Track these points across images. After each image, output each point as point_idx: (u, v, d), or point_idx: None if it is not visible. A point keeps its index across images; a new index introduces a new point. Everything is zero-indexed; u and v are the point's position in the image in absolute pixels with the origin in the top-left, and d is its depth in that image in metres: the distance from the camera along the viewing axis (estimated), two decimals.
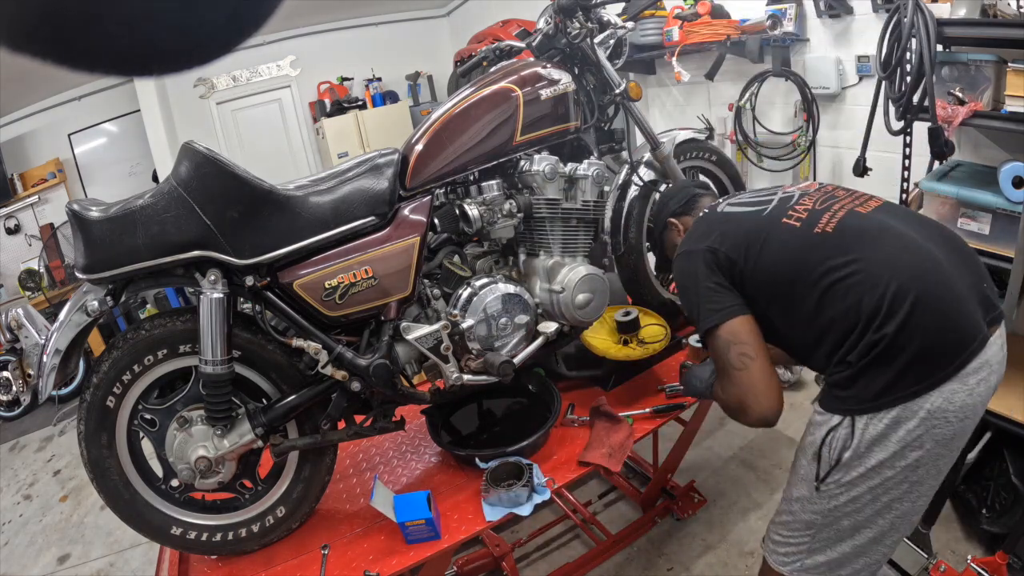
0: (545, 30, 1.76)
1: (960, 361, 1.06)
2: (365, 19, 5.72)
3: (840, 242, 1.15)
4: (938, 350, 1.06)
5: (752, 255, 1.21)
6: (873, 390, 1.08)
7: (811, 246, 1.16)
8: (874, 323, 1.07)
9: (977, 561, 1.64)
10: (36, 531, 2.96)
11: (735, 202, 1.34)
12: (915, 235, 1.15)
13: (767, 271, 1.20)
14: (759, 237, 1.22)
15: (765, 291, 1.21)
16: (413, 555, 1.34)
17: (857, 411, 1.11)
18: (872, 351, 1.07)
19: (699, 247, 1.26)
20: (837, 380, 1.13)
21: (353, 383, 1.38)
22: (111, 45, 0.30)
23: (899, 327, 1.05)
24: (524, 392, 1.82)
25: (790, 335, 1.24)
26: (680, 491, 2.26)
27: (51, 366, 1.23)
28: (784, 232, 1.21)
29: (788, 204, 1.25)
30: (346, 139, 5.32)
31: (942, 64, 1.93)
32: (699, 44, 2.96)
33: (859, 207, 1.21)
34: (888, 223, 1.17)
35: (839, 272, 1.12)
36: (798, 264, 1.17)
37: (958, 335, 1.07)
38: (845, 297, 1.11)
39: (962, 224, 1.88)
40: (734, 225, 1.28)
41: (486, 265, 1.60)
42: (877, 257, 1.11)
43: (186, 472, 1.33)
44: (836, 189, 1.29)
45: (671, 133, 1.92)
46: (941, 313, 1.07)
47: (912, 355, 1.05)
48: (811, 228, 1.18)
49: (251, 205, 1.27)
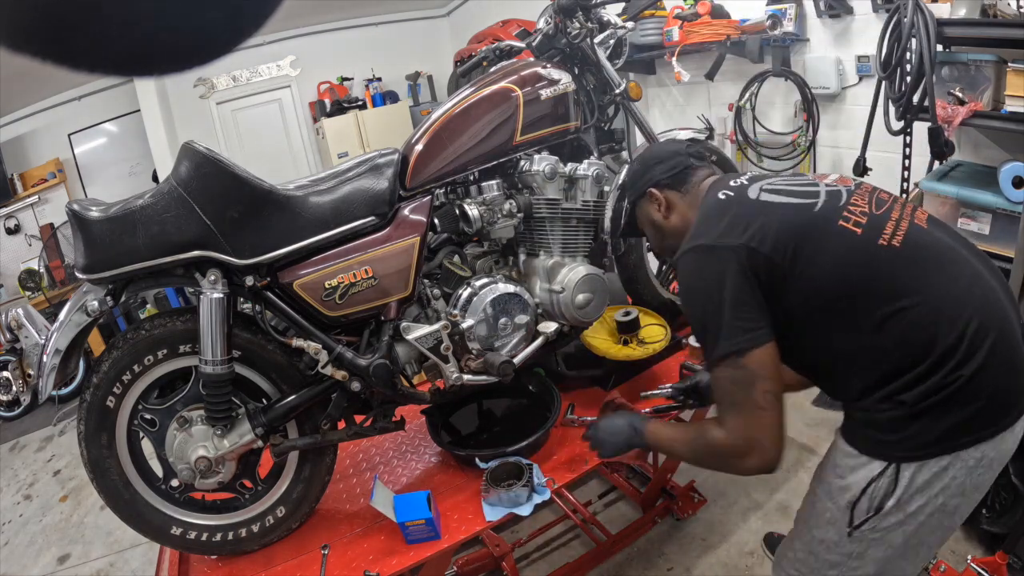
0: (545, 30, 1.76)
1: (1020, 410, 0.96)
2: (365, 19, 5.72)
3: (910, 261, 0.99)
4: (1007, 397, 0.96)
5: (802, 260, 1.01)
6: (931, 436, 0.96)
7: (877, 260, 1.00)
8: (950, 362, 0.94)
9: (977, 561, 1.64)
10: (36, 531, 2.96)
11: (772, 188, 1.10)
12: (975, 262, 1.02)
13: (819, 282, 1.01)
14: (812, 238, 1.02)
15: (808, 305, 1.03)
16: (413, 555, 1.34)
17: (905, 459, 0.98)
18: (940, 392, 0.94)
19: (731, 243, 1.03)
20: (880, 420, 0.99)
21: (353, 383, 1.38)
22: (111, 45, 0.30)
23: (978, 369, 0.93)
24: (524, 392, 1.82)
25: (822, 357, 1.07)
26: (680, 491, 2.26)
27: (51, 366, 1.23)
28: (843, 237, 1.01)
29: (840, 202, 1.06)
30: (346, 139, 5.32)
31: (942, 64, 1.94)
32: (699, 44, 2.96)
33: (916, 220, 1.06)
34: (952, 246, 1.03)
35: (910, 298, 0.96)
36: (861, 279, 1.00)
37: (1021, 380, 0.97)
38: (915, 328, 0.96)
39: (962, 224, 1.88)
40: (777, 218, 1.04)
41: (486, 265, 1.60)
42: (952, 287, 0.97)
43: (186, 472, 1.33)
44: (879, 191, 1.12)
45: (671, 133, 1.92)
46: (1013, 353, 0.96)
47: (984, 400, 0.94)
48: (874, 238, 1.01)
49: (251, 205, 1.27)
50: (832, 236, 1.02)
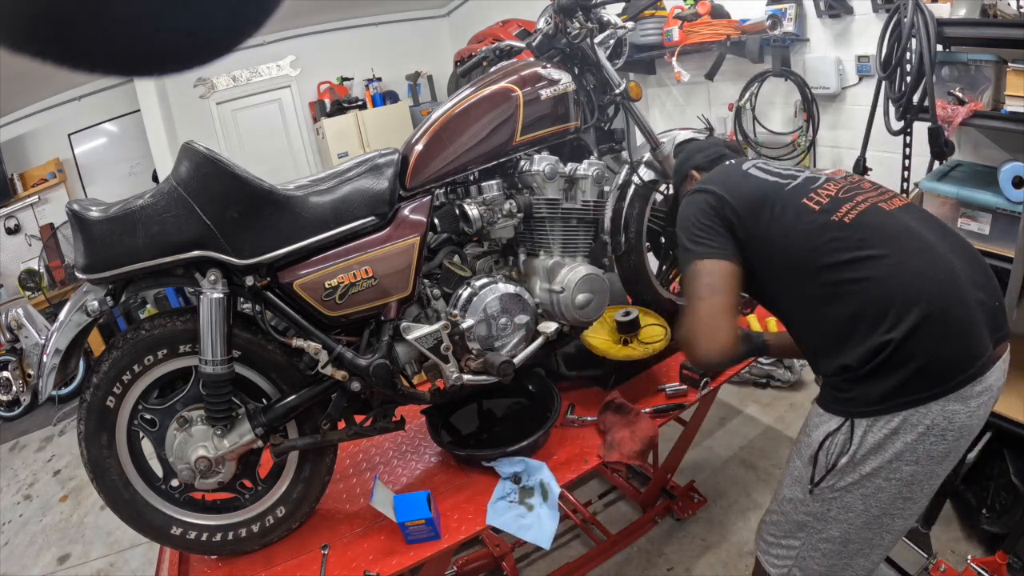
0: (545, 30, 1.75)
1: (965, 378, 1.03)
2: (365, 19, 5.72)
3: (856, 235, 1.10)
4: (944, 364, 1.03)
5: (761, 220, 1.18)
6: (876, 394, 1.06)
7: (824, 232, 1.12)
8: (882, 326, 1.04)
9: (977, 561, 1.64)
10: (36, 531, 2.96)
11: (761, 166, 1.31)
12: (935, 241, 1.10)
13: (771, 242, 1.17)
14: (773, 205, 1.19)
15: (762, 262, 1.20)
16: (413, 555, 1.34)
17: (858, 414, 1.08)
18: (877, 355, 1.04)
19: (711, 188, 1.25)
20: (836, 382, 1.11)
21: (353, 383, 1.38)
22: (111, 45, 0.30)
23: (907, 335, 1.02)
24: (524, 392, 1.82)
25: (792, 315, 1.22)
26: (680, 491, 2.26)
27: (51, 366, 1.23)
28: (801, 210, 1.16)
29: (812, 185, 1.21)
30: (346, 139, 5.32)
31: (942, 64, 1.94)
32: (699, 44, 2.96)
33: (884, 203, 1.16)
34: (910, 225, 1.13)
35: (849, 267, 1.08)
36: (806, 246, 1.13)
37: (965, 353, 1.04)
38: (853, 294, 1.07)
39: (962, 224, 1.88)
40: (751, 185, 1.25)
41: (486, 265, 1.60)
42: (892, 259, 1.07)
43: (186, 472, 1.33)
44: (863, 181, 1.24)
45: (671, 133, 1.92)
46: (950, 328, 1.03)
47: (917, 367, 1.02)
48: (829, 215, 1.14)
49: (251, 205, 1.27)
50: (791, 208, 1.18)
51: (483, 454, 1.55)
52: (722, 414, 2.78)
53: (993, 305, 1.10)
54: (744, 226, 1.20)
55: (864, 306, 1.06)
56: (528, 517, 1.41)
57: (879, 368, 1.05)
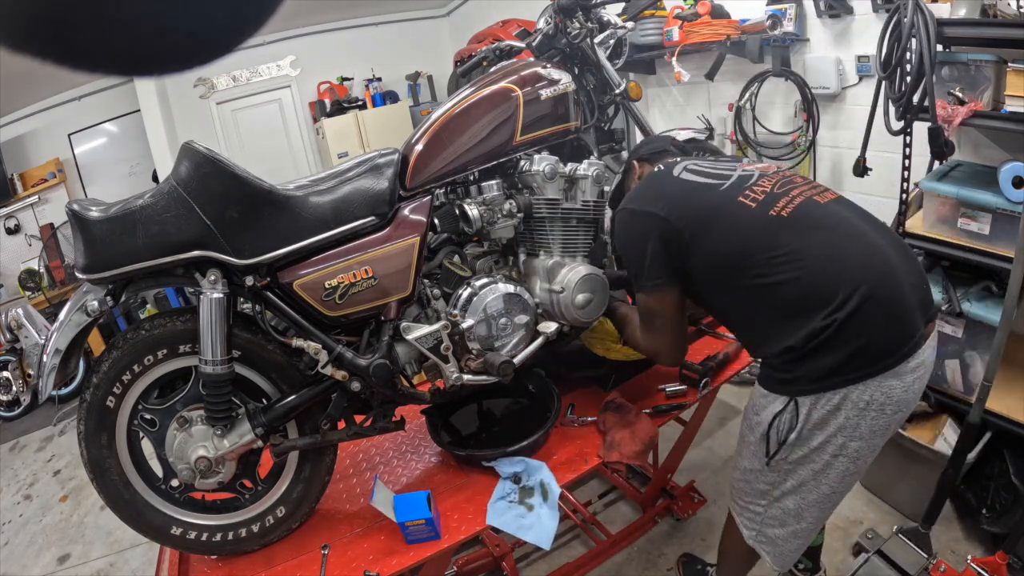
0: (545, 30, 1.76)
1: (900, 355, 1.12)
2: (365, 19, 5.72)
3: (795, 227, 1.17)
4: (882, 343, 1.11)
5: (700, 231, 1.25)
6: (817, 373, 1.13)
7: (763, 228, 1.19)
8: (825, 309, 1.11)
9: (977, 561, 1.65)
10: (36, 531, 2.96)
11: (693, 168, 1.35)
12: (868, 231, 1.19)
13: (712, 250, 1.24)
14: (709, 215, 1.25)
15: (707, 267, 1.26)
16: (413, 555, 1.34)
17: (800, 392, 1.16)
18: (821, 335, 1.11)
19: (649, 210, 1.30)
20: (778, 364, 1.19)
21: (353, 383, 1.38)
22: (111, 45, 0.30)
23: (848, 316, 1.09)
24: (524, 392, 1.82)
25: (728, 312, 1.32)
26: (680, 491, 2.26)
27: (51, 366, 1.23)
28: (738, 210, 1.23)
29: (746, 183, 1.27)
30: (346, 139, 5.32)
31: (942, 64, 1.93)
32: (699, 44, 2.96)
33: (816, 196, 1.24)
34: (844, 216, 1.21)
35: (791, 257, 1.15)
36: (747, 244, 1.20)
37: (901, 332, 1.13)
38: (797, 281, 1.14)
39: (962, 224, 1.88)
40: (685, 196, 1.31)
41: (486, 265, 1.60)
42: (831, 247, 1.15)
43: (186, 472, 1.33)
44: (795, 175, 1.31)
45: (671, 133, 1.92)
46: (888, 309, 1.12)
47: (857, 345, 1.10)
48: (766, 210, 1.20)
49: (251, 205, 1.27)
50: (728, 209, 1.24)
51: (483, 454, 1.55)
52: (722, 414, 2.78)
53: (923, 287, 1.19)
54: (687, 240, 1.26)
55: (808, 293, 1.13)
56: (528, 517, 1.41)
57: (821, 347, 1.12)
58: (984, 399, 1.69)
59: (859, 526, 2.02)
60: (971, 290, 1.94)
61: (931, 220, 1.97)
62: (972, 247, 1.85)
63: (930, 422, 2.05)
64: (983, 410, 1.71)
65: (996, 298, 1.87)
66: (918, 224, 2.06)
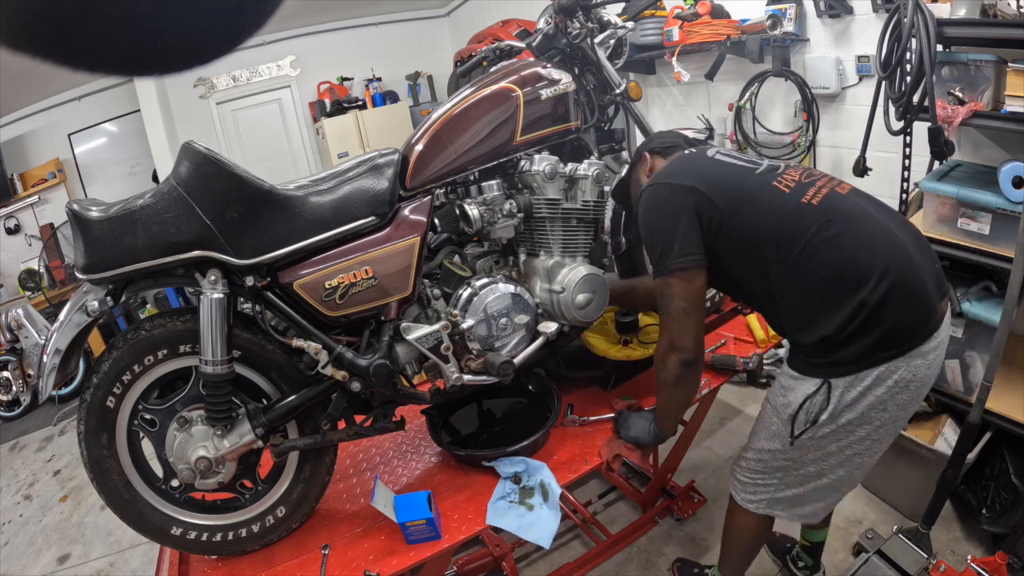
0: (545, 30, 1.76)
1: (925, 333, 1.19)
2: (365, 19, 5.72)
3: (826, 215, 1.22)
4: (908, 325, 1.18)
5: (735, 210, 1.27)
6: (851, 356, 1.19)
7: (797, 213, 1.23)
8: (860, 293, 1.16)
9: (977, 561, 1.65)
10: (36, 531, 2.96)
11: (726, 152, 1.39)
12: (886, 220, 1.25)
13: (749, 228, 1.26)
14: (747, 192, 1.28)
15: (739, 247, 1.28)
16: (413, 555, 1.34)
17: (835, 374, 1.22)
18: (853, 321, 1.17)
19: (686, 183, 1.30)
20: (812, 349, 1.23)
21: (353, 383, 1.38)
22: (111, 45, 0.30)
23: (880, 300, 1.15)
24: (524, 392, 1.82)
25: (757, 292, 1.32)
26: (680, 491, 2.26)
27: (51, 366, 1.23)
28: (773, 193, 1.27)
29: (777, 171, 1.33)
30: (346, 139, 5.32)
31: (942, 64, 1.93)
32: (699, 44, 2.96)
33: (837, 188, 1.29)
34: (864, 206, 1.26)
35: (826, 241, 1.20)
36: (784, 226, 1.23)
37: (924, 313, 1.19)
38: (829, 264, 1.19)
39: (962, 224, 1.87)
40: (722, 173, 1.33)
41: (486, 265, 1.60)
42: (861, 236, 1.20)
43: (186, 472, 1.33)
44: (812, 169, 1.37)
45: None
46: (912, 292, 1.18)
47: (888, 328, 1.16)
48: (798, 197, 1.25)
49: (251, 205, 1.27)
50: (764, 191, 1.27)
51: (483, 454, 1.55)
52: (722, 414, 2.78)
53: (936, 269, 1.25)
54: (722, 216, 1.27)
55: (842, 278, 1.18)
56: (528, 517, 1.41)
57: (854, 332, 1.18)
58: (984, 399, 1.69)
59: (859, 526, 2.02)
60: (971, 290, 1.94)
61: (931, 220, 1.97)
62: (972, 247, 1.85)
63: (930, 422, 2.05)
64: (983, 410, 1.71)
65: (996, 298, 1.87)
66: (918, 224, 2.05)
